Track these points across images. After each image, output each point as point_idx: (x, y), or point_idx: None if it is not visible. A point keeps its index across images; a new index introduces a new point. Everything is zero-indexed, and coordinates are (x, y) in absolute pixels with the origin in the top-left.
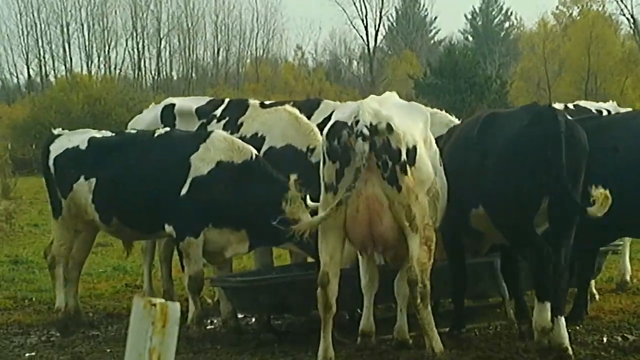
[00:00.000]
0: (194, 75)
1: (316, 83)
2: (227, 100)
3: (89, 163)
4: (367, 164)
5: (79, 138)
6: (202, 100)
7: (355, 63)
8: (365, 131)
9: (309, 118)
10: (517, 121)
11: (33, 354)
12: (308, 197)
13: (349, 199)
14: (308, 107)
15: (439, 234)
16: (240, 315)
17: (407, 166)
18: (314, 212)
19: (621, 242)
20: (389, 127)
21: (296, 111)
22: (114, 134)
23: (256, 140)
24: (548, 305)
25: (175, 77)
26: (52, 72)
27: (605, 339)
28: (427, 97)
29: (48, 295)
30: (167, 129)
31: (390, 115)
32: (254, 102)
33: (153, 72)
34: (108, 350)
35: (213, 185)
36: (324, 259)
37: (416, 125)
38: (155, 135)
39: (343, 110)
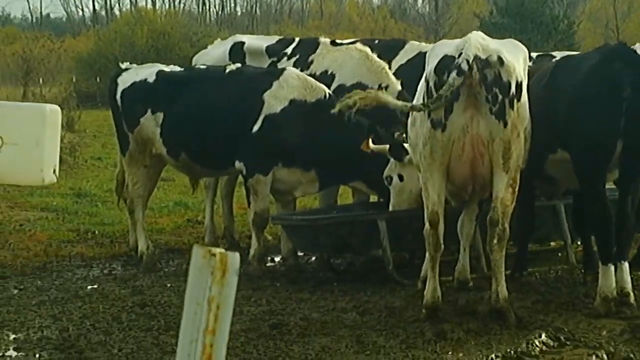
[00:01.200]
0: (257, 10)
1: (380, 20)
2: (297, 39)
3: (157, 97)
4: (475, 99)
5: (147, 72)
6: (271, 39)
7: (420, 1)
8: (466, 66)
9: (393, 58)
10: (590, 61)
11: (95, 286)
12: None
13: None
14: (393, 47)
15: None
16: (300, 254)
17: (515, 101)
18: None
19: None
20: (500, 60)
21: (367, 49)
22: (182, 69)
23: (326, 78)
24: (612, 269)
25: (239, 13)
26: (117, 5)
27: None
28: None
29: (111, 228)
30: (239, 65)
31: (499, 49)
32: (324, 40)
33: (217, 7)
34: (168, 285)
35: (285, 123)
36: (432, 198)
37: (518, 61)
38: (227, 71)
39: (447, 46)
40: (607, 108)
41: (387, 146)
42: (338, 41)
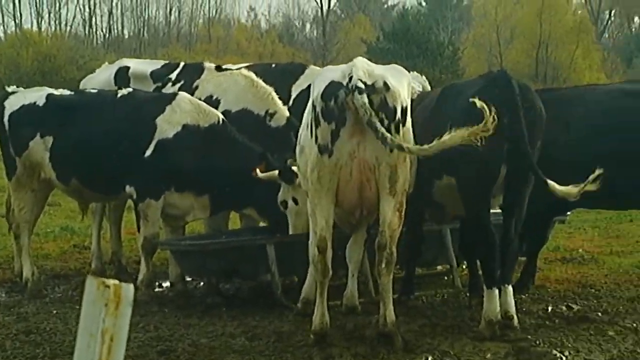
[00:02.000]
0: (145, 34)
1: (269, 45)
2: (182, 63)
3: (46, 120)
4: (360, 124)
5: (36, 95)
6: (156, 64)
7: (308, 26)
8: (362, 84)
9: (293, 82)
10: (473, 88)
11: None
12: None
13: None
14: (292, 72)
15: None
16: (188, 279)
17: (400, 126)
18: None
19: (569, 213)
20: (386, 85)
21: (252, 75)
22: (73, 93)
23: (211, 103)
24: (496, 292)
25: (126, 36)
26: (2, 27)
27: (550, 308)
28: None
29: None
30: (130, 89)
31: (384, 74)
32: (209, 65)
33: (104, 30)
34: (54, 312)
35: (178, 148)
36: (320, 224)
37: (402, 86)
38: (119, 95)
39: (333, 71)
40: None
41: (277, 172)
42: (224, 66)
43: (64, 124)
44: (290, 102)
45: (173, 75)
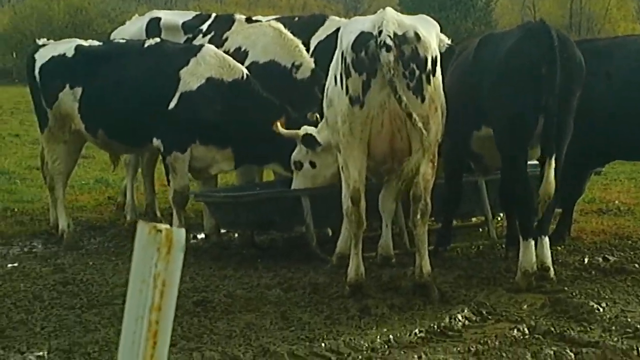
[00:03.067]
0: None
1: None
2: (213, 15)
3: (75, 72)
4: (394, 73)
5: (66, 47)
6: (188, 15)
7: None
8: (391, 41)
9: (313, 34)
10: (511, 39)
11: (15, 264)
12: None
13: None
14: (312, 24)
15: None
16: (223, 231)
17: (431, 76)
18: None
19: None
20: (417, 36)
21: (281, 26)
22: (101, 43)
23: (239, 54)
24: (532, 244)
25: None
26: None
27: (586, 260)
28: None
29: (30, 206)
30: (158, 39)
31: (415, 24)
32: (240, 17)
33: None
34: (90, 263)
35: (201, 101)
36: (352, 175)
37: (432, 36)
38: (145, 45)
39: (362, 22)
40: (526, 85)
41: (298, 132)
42: (254, 18)
43: (92, 75)
44: (309, 54)
45: (204, 27)
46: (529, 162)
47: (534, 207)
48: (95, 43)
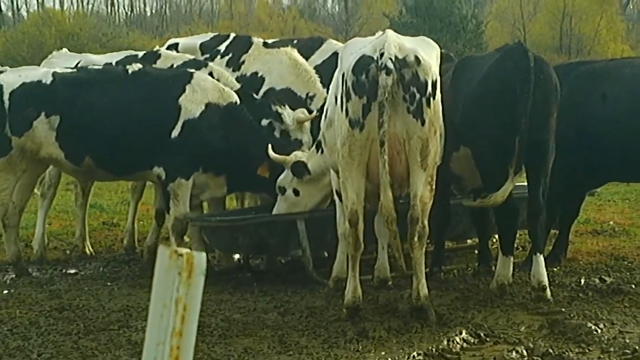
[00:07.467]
0: (167, 11)
1: (290, 21)
2: (232, 35)
3: (53, 99)
4: (392, 98)
5: (38, 73)
6: (206, 37)
7: (330, 1)
8: (392, 65)
9: (309, 57)
10: (488, 60)
11: (11, 290)
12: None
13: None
14: (310, 47)
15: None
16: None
17: (432, 99)
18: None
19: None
20: (417, 59)
21: (297, 55)
22: (76, 70)
23: (255, 79)
24: (511, 259)
25: (148, 13)
26: (24, 6)
27: (583, 281)
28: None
29: (24, 232)
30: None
31: (415, 48)
32: (257, 40)
33: (126, 8)
34: (86, 289)
35: (204, 128)
36: (351, 197)
37: (432, 59)
38: (130, 71)
39: (363, 44)
40: (502, 105)
41: (287, 158)
42: (269, 41)
43: (73, 102)
44: None
45: (222, 47)
46: (516, 184)
47: (515, 226)
48: (68, 70)
